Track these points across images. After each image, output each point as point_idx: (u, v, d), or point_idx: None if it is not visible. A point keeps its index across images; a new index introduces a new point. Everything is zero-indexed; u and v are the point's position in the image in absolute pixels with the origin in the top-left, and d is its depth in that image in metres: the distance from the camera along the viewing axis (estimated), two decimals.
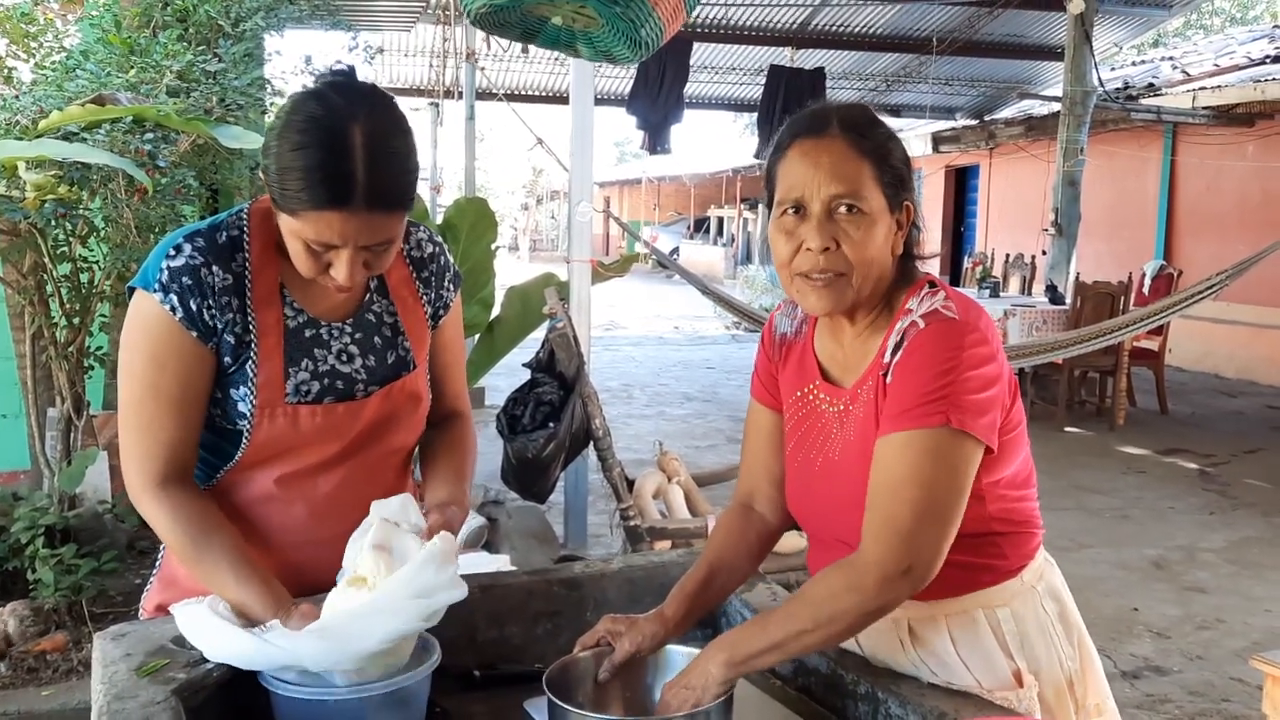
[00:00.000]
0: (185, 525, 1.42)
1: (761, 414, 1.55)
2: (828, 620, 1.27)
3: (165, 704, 1.24)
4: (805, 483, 1.46)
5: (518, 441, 3.69)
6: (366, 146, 1.31)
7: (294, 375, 1.47)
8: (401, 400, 1.57)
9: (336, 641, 1.27)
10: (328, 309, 1.52)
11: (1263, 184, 10.16)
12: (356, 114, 1.32)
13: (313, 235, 1.33)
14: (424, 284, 1.62)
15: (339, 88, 1.36)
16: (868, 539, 1.28)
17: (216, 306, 1.41)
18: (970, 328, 1.29)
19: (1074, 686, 1.42)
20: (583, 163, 4.64)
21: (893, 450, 1.28)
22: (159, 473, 1.42)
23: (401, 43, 11.50)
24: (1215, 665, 3.83)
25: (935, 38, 11.02)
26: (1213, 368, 10.81)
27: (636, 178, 29.91)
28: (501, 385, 4.58)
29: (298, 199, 1.31)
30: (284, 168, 1.31)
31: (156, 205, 3.04)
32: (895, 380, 1.30)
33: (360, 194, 1.30)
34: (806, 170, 1.31)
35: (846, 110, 1.36)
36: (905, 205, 1.34)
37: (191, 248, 1.41)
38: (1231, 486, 6.44)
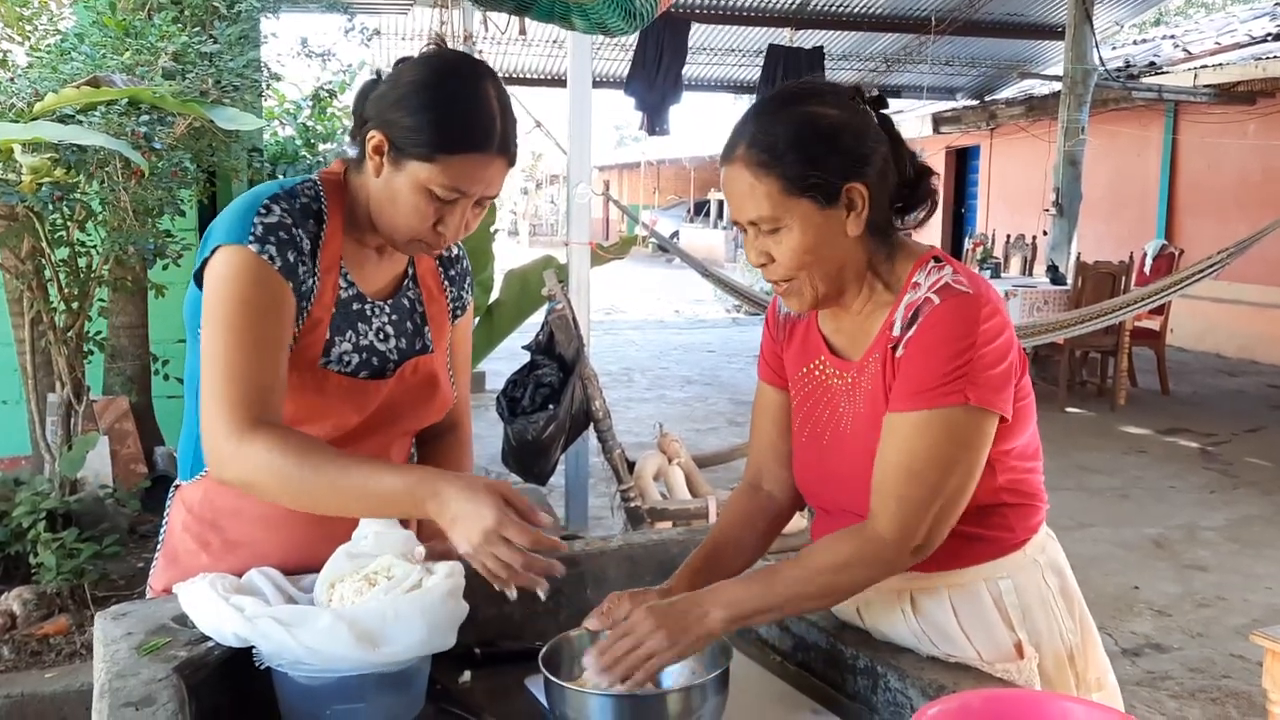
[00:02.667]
0: (295, 446, 1.34)
1: (769, 394, 1.57)
2: (832, 589, 1.32)
3: (166, 681, 1.24)
4: (815, 456, 1.47)
5: (518, 423, 3.70)
6: (499, 100, 1.43)
7: (339, 344, 1.51)
8: (415, 381, 1.59)
9: (343, 680, 1.28)
10: (376, 286, 1.58)
11: (1264, 162, 10.13)
12: (484, 72, 1.45)
13: (447, 180, 1.40)
14: (450, 281, 1.69)
15: (456, 53, 1.51)
16: (882, 516, 1.29)
17: (301, 264, 1.45)
18: (984, 301, 1.29)
19: (1074, 659, 1.43)
20: (581, 145, 4.63)
21: (911, 429, 1.28)
22: (255, 418, 1.35)
23: (398, 25, 11.44)
24: (1216, 642, 3.84)
25: (935, 17, 10.97)
26: (1214, 347, 10.80)
27: (636, 161, 29.85)
28: (502, 369, 4.58)
29: (448, 141, 1.38)
30: (427, 114, 1.39)
31: (153, 188, 3.03)
32: (910, 356, 1.30)
33: (498, 139, 1.42)
34: (728, 196, 1.37)
35: (758, 121, 1.34)
36: (847, 190, 1.31)
37: (280, 208, 1.45)
38: (1232, 465, 6.44)
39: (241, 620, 1.29)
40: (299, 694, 1.32)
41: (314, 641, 1.25)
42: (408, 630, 1.28)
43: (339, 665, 1.27)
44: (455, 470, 1.56)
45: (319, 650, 1.25)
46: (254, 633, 1.28)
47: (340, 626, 1.25)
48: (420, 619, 1.29)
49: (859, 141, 1.32)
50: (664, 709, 1.26)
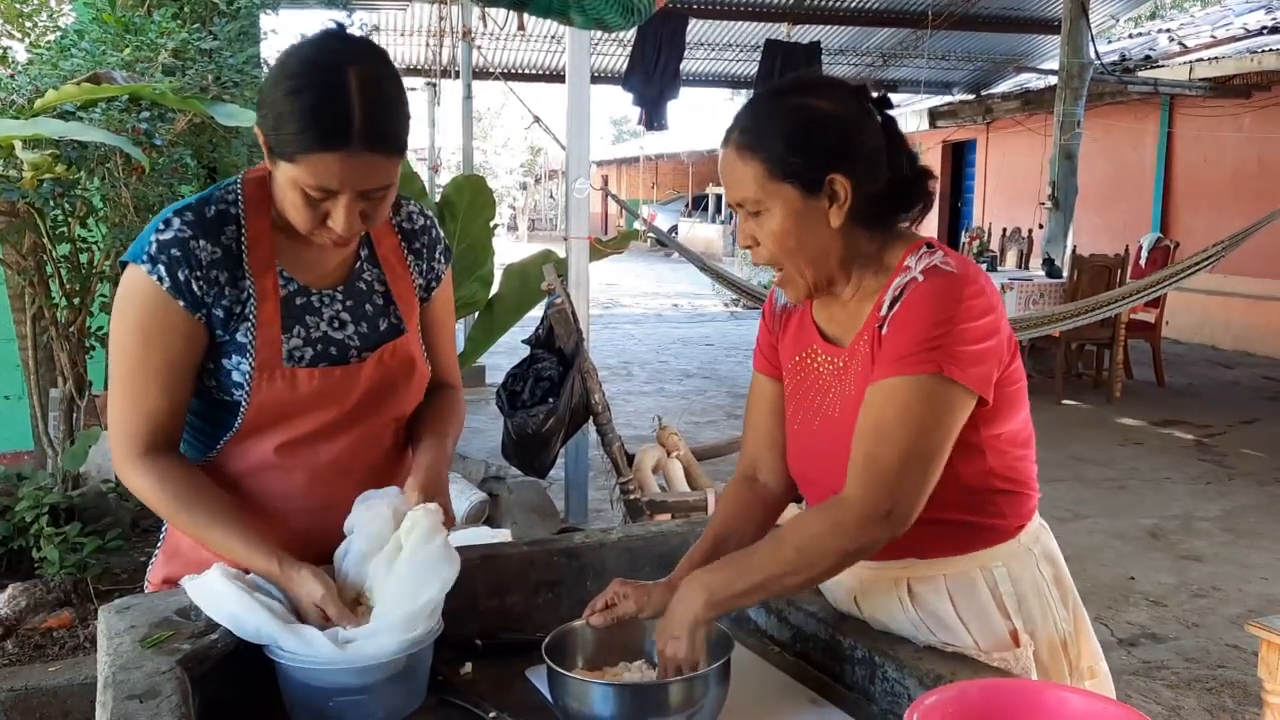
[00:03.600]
0: (172, 488, 1.45)
1: (765, 384, 1.58)
2: (809, 563, 1.31)
3: (170, 674, 1.25)
4: (806, 443, 1.48)
5: (517, 417, 3.71)
6: (362, 87, 1.32)
7: (287, 342, 1.49)
8: (395, 365, 1.58)
9: (352, 654, 1.31)
10: (318, 277, 1.54)
11: (1259, 155, 10.14)
12: (351, 57, 1.34)
13: (312, 180, 1.34)
14: (415, 255, 1.64)
15: (332, 35, 1.39)
16: (851, 480, 1.30)
17: (205, 279, 1.42)
18: (969, 280, 1.31)
19: (1068, 648, 1.45)
20: (580, 140, 4.64)
21: (883, 394, 1.30)
22: (144, 444, 1.45)
23: (398, 21, 11.44)
24: (1211, 632, 3.86)
25: (931, 11, 10.97)
26: (1209, 339, 10.83)
27: (634, 156, 29.80)
28: (501, 364, 4.60)
29: (297, 142, 1.32)
30: (281, 113, 1.33)
31: (154, 184, 3.04)
32: (891, 330, 1.32)
33: (358, 134, 1.32)
34: (722, 177, 1.39)
35: (753, 108, 1.39)
36: (830, 181, 1.32)
37: (180, 221, 1.43)
38: (1228, 456, 6.47)
39: (268, 617, 1.32)
40: (303, 686, 1.33)
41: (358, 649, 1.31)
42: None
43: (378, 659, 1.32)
44: (440, 425, 1.63)
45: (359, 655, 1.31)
46: (283, 633, 1.31)
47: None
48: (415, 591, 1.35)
49: (847, 134, 1.34)
50: (666, 699, 1.27)
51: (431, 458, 1.56)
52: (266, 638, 1.32)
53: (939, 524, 1.36)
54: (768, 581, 1.32)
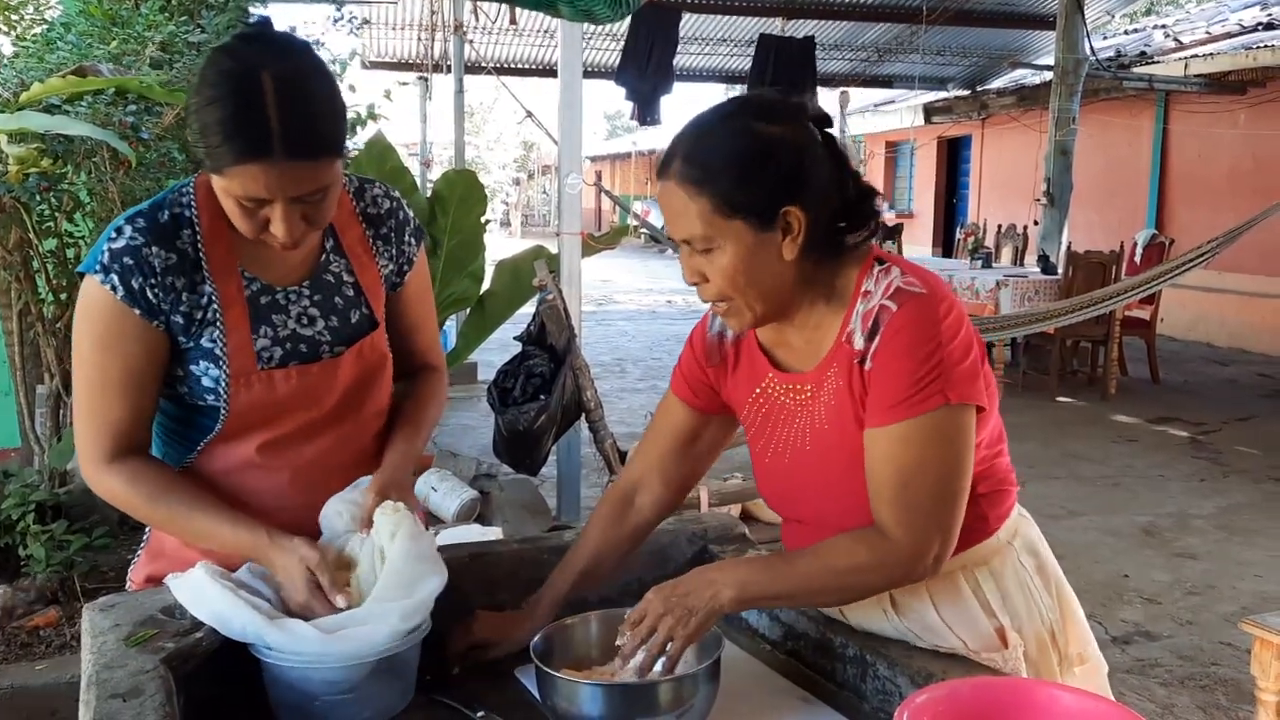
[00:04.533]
0: (146, 484, 1.43)
1: (678, 409, 1.54)
2: (846, 589, 1.33)
3: (154, 673, 1.24)
4: (780, 475, 1.45)
5: (509, 414, 3.69)
6: (279, 93, 1.27)
7: (256, 342, 1.47)
8: (374, 360, 1.57)
9: (342, 644, 1.30)
10: (282, 274, 1.50)
11: (1254, 152, 10.15)
12: (266, 62, 1.29)
13: (240, 191, 1.31)
14: (383, 241, 1.59)
15: (249, 38, 1.34)
16: (895, 528, 1.27)
17: (160, 286, 1.40)
18: (939, 297, 1.28)
19: (1056, 638, 1.44)
20: (572, 135, 4.61)
21: (896, 441, 1.27)
22: (109, 452, 1.43)
23: (389, 15, 11.40)
24: (1205, 630, 3.86)
25: (926, 7, 10.94)
26: (1204, 336, 10.83)
27: (627, 151, 29.78)
28: (493, 360, 4.59)
29: (218, 155, 1.29)
30: (202, 125, 1.29)
31: (141, 179, 3.02)
32: (880, 368, 1.28)
33: (279, 142, 1.28)
34: (662, 211, 1.31)
35: (696, 137, 1.29)
36: (784, 214, 1.26)
37: (132, 229, 1.40)
38: (1222, 454, 6.47)
39: (253, 615, 1.30)
40: (290, 685, 1.32)
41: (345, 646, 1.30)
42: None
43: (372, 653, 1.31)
44: (416, 414, 1.62)
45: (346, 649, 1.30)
46: (269, 629, 1.29)
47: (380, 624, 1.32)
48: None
49: (798, 162, 1.27)
50: (655, 698, 1.26)
51: (398, 456, 1.54)
52: (253, 636, 1.31)
53: None
54: (799, 595, 1.33)
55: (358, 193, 1.58)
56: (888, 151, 17.61)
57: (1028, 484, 5.73)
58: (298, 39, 1.41)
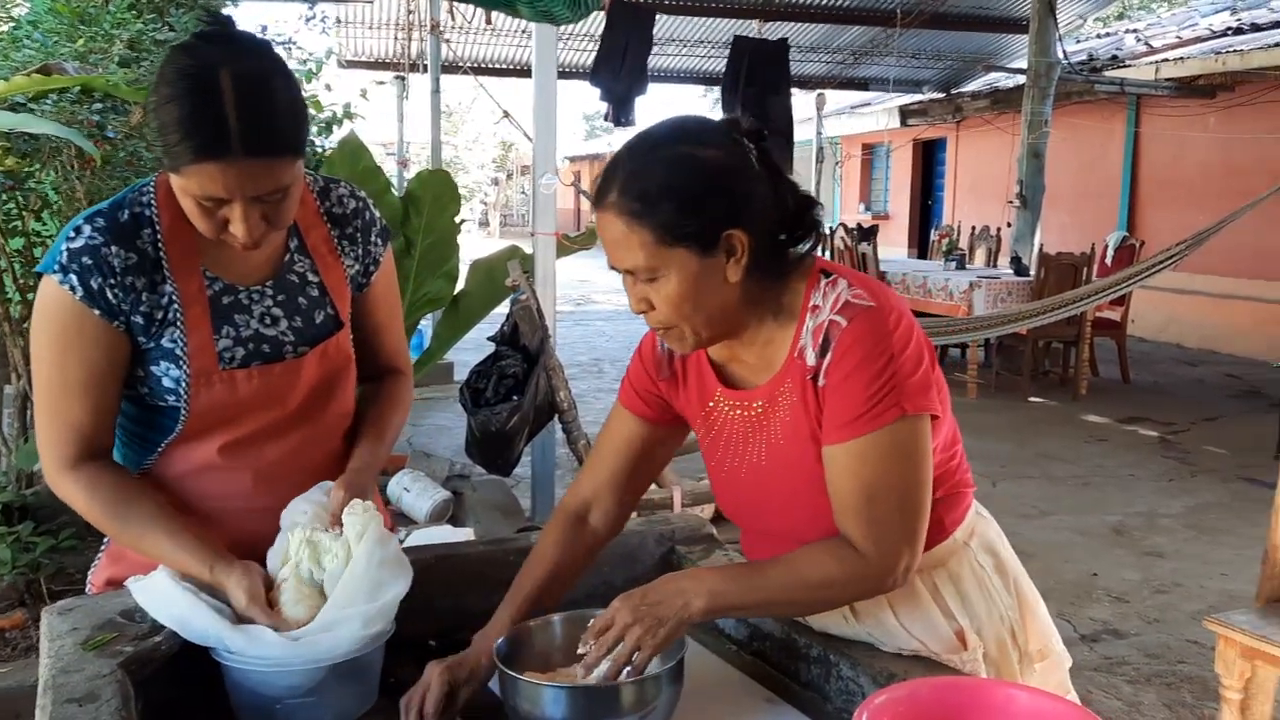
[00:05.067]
0: (103, 497, 1.42)
1: (628, 421, 1.51)
2: (816, 602, 1.35)
3: (111, 677, 1.23)
4: (733, 489, 1.45)
5: (481, 415, 3.68)
6: (237, 91, 1.26)
7: (218, 342, 1.46)
8: (339, 361, 1.56)
9: (305, 649, 1.29)
10: (245, 273, 1.49)
11: (1223, 155, 10.25)
12: (224, 60, 1.28)
13: (198, 190, 1.30)
14: (349, 241, 1.58)
15: (207, 36, 1.32)
16: (864, 543, 1.27)
17: (120, 286, 1.38)
18: (888, 309, 1.27)
19: (1015, 636, 1.44)
20: (546, 136, 4.60)
21: (855, 458, 1.27)
22: (70, 456, 1.42)
23: (364, 14, 11.35)
24: (1171, 628, 3.90)
25: (901, 10, 11.01)
26: (1174, 337, 10.94)
27: (604, 153, 29.74)
28: (470, 360, 4.57)
29: (176, 154, 1.27)
30: (161, 124, 1.28)
31: (108, 178, 2.99)
32: (833, 385, 1.27)
33: (236, 141, 1.26)
34: (603, 242, 1.30)
35: (630, 166, 1.27)
36: (726, 237, 1.25)
37: (91, 228, 1.39)
38: (1191, 454, 6.53)
39: (215, 618, 1.29)
40: (251, 688, 1.31)
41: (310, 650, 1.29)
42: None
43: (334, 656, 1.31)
44: (379, 422, 1.61)
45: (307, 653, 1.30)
46: (230, 633, 1.29)
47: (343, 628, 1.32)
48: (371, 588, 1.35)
49: (736, 183, 1.26)
50: (618, 700, 1.26)
51: (360, 463, 1.53)
52: (214, 639, 1.30)
53: None
54: (770, 605, 1.34)
55: (323, 193, 1.57)
56: (864, 153, 17.70)
57: (1000, 483, 5.78)
58: (258, 38, 1.40)
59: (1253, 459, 6.23)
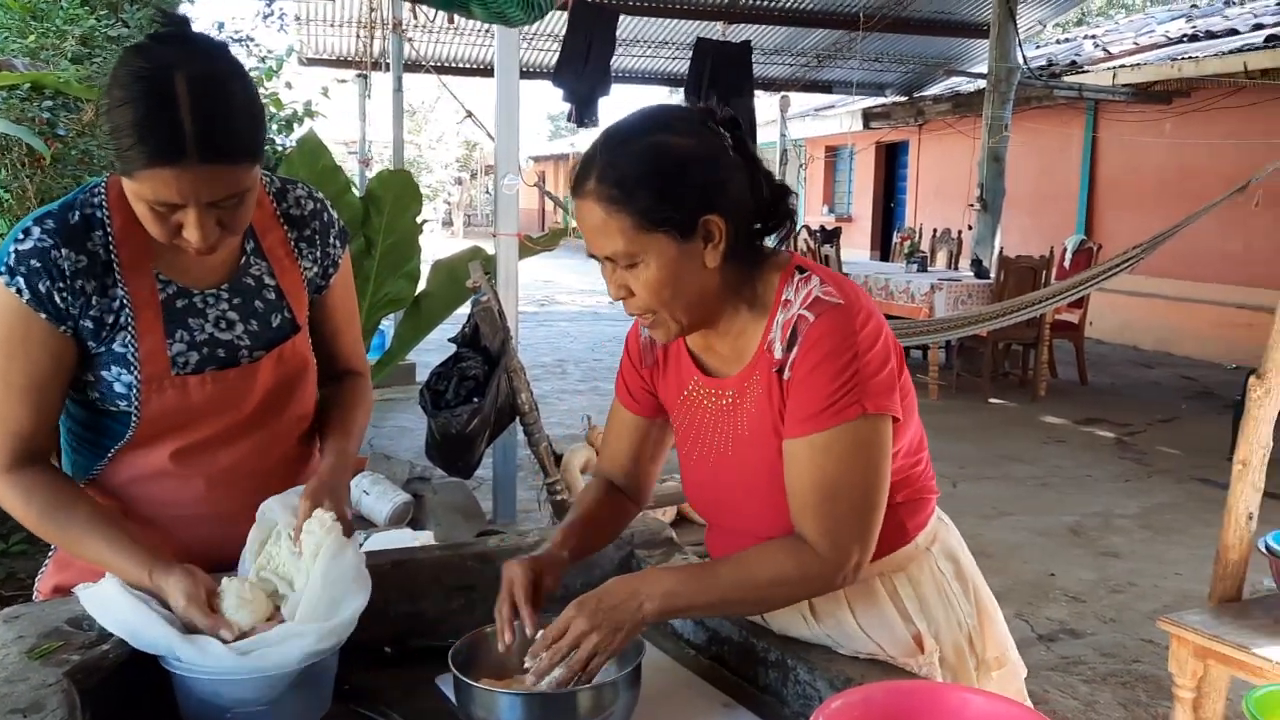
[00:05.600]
0: (40, 501, 1.40)
1: (625, 417, 1.56)
2: (768, 600, 1.35)
3: (57, 686, 1.21)
4: (700, 477, 1.47)
5: (441, 417, 3.66)
6: (193, 96, 1.24)
7: (170, 348, 1.43)
8: (295, 364, 1.54)
9: (255, 661, 1.27)
10: (199, 276, 1.47)
11: (1179, 160, 10.41)
12: (180, 63, 1.25)
13: (151, 195, 1.27)
14: (306, 243, 1.56)
15: (163, 38, 1.30)
16: (817, 539, 1.28)
17: (69, 290, 1.36)
18: (857, 308, 1.29)
19: (973, 642, 1.45)
20: (509, 135, 4.59)
21: (816, 451, 1.28)
22: (7, 461, 1.40)
23: (325, 11, 11.25)
24: (1127, 627, 3.95)
25: (864, 14, 11.08)
26: (1131, 340, 11.10)
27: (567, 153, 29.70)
28: (432, 361, 4.54)
29: (129, 158, 1.25)
30: (113, 127, 1.25)
31: (59, 176, 2.94)
32: (797, 379, 1.29)
33: (192, 146, 1.24)
34: (582, 230, 1.31)
35: (608, 153, 1.28)
36: (704, 222, 1.27)
37: (41, 230, 1.36)
38: (1147, 455, 6.63)
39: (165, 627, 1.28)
40: (201, 696, 1.29)
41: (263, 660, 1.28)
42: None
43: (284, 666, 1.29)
44: (345, 420, 1.59)
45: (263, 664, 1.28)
46: (180, 643, 1.27)
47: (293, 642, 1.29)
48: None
49: (713, 170, 1.28)
50: (574, 706, 1.25)
51: (331, 463, 1.51)
52: (164, 648, 1.28)
53: None
54: (724, 605, 1.35)
55: (279, 194, 1.55)
56: (827, 156, 17.80)
57: (960, 484, 5.83)
58: (214, 39, 1.37)
59: (1206, 460, 6.33)
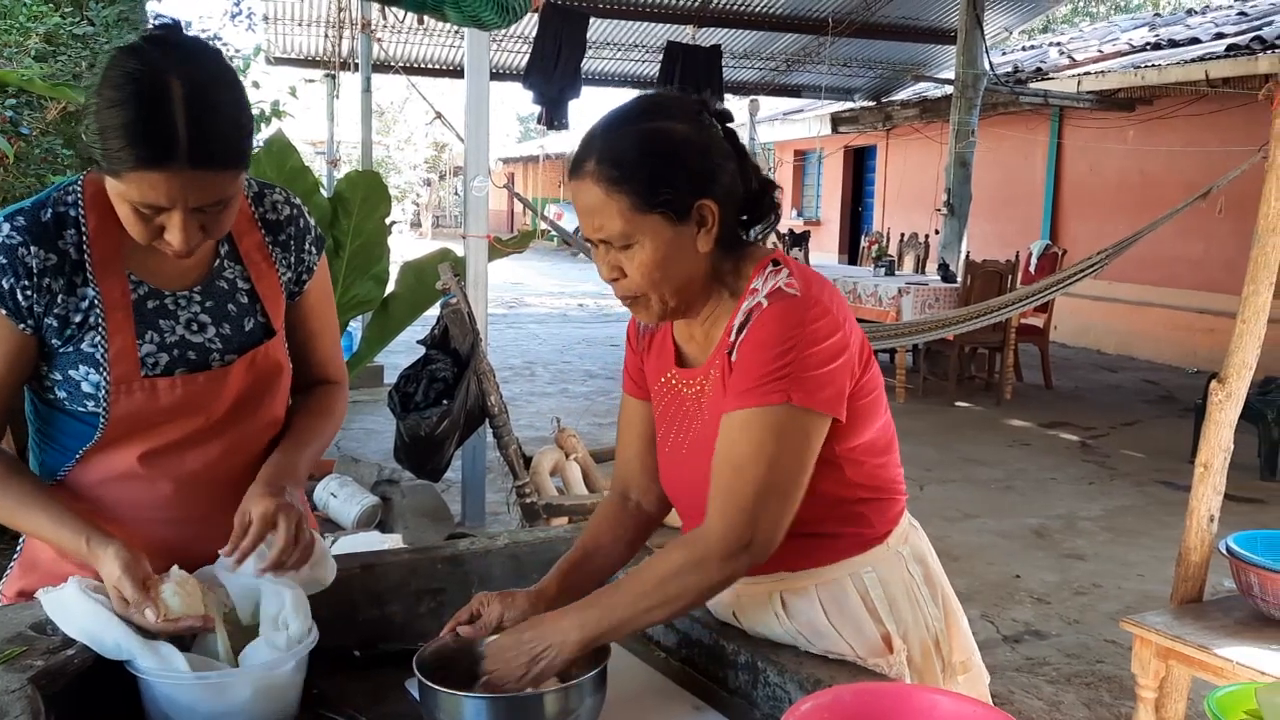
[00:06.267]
0: None
1: (634, 407, 1.57)
2: (673, 597, 1.31)
3: (20, 693, 1.19)
4: (673, 464, 1.48)
5: (410, 419, 3.63)
6: (187, 100, 1.24)
7: (142, 348, 1.42)
8: (268, 369, 1.52)
9: (212, 688, 1.29)
10: (172, 278, 1.46)
11: (1141, 167, 10.56)
12: (174, 67, 1.25)
13: (138, 197, 1.27)
14: (282, 248, 1.55)
15: (157, 41, 1.29)
16: (712, 514, 1.31)
17: (35, 288, 1.35)
18: (811, 303, 1.30)
19: (940, 646, 1.47)
20: (478, 137, 4.58)
21: (736, 427, 1.30)
22: None
23: (293, 10, 11.17)
24: (1091, 628, 3.99)
25: (832, 19, 11.15)
26: (1094, 343, 11.24)
27: (538, 155, 29.64)
28: (400, 362, 4.52)
29: (118, 159, 1.24)
30: (102, 127, 1.25)
31: (22, 175, 2.90)
32: (739, 358, 1.32)
33: (183, 151, 1.24)
34: (578, 211, 1.34)
35: (607, 136, 1.32)
36: (698, 207, 1.31)
37: (10, 227, 1.35)
38: (1110, 458, 6.71)
39: (126, 632, 1.27)
40: (168, 702, 1.28)
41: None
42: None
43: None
44: (302, 429, 1.57)
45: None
46: (141, 649, 1.27)
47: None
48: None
49: (707, 157, 1.32)
50: (540, 709, 1.26)
51: (273, 467, 1.47)
52: (126, 653, 1.27)
53: (806, 537, 1.38)
54: (634, 617, 1.32)
55: (256, 198, 1.54)
56: (796, 160, 17.89)
57: (925, 487, 5.87)
58: (208, 44, 1.38)
59: (1168, 463, 6.42)
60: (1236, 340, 2.64)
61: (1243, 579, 2.49)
